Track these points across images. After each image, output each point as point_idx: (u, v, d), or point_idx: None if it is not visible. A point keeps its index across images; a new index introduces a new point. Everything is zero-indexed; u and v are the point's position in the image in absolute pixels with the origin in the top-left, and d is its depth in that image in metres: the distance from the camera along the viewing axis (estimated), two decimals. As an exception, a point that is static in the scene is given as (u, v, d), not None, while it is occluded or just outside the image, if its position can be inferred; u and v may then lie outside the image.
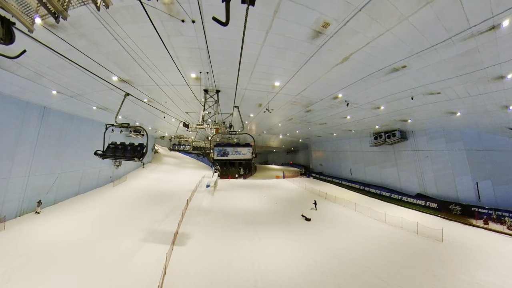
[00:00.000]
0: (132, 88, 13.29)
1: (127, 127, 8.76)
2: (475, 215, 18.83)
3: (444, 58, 9.76)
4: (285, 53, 9.55)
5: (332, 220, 19.38)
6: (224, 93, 14.67)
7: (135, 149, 8.73)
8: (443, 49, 9.05)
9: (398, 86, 13.27)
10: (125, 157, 8.50)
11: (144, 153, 8.63)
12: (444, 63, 10.19)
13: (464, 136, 20.80)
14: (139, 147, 8.76)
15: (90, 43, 8.45)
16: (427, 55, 9.64)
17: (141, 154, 8.54)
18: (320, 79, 12.23)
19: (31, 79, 12.15)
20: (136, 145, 8.87)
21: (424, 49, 9.24)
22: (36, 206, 16.98)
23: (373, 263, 12.19)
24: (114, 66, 10.52)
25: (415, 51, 9.52)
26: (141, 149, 8.69)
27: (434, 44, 8.86)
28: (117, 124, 8.58)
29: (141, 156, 8.50)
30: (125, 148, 8.83)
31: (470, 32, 7.86)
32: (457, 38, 8.32)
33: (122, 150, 8.80)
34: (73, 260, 10.99)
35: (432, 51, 9.33)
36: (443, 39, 8.53)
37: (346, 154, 36.28)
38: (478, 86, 11.99)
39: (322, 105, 17.69)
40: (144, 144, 8.62)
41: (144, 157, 8.66)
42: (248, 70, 11.35)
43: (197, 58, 10.09)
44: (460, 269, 11.61)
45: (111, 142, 9.03)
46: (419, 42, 8.77)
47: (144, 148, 8.64)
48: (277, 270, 11.28)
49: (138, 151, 8.66)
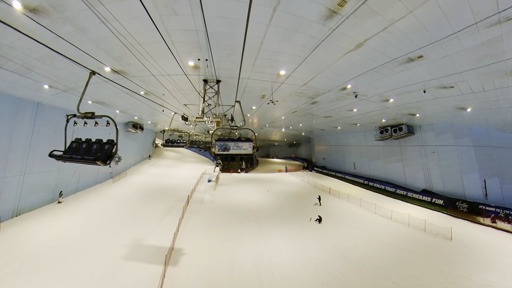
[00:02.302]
0: (127, 80, 12.47)
1: (91, 117, 6.32)
2: (483, 213, 18.51)
3: (465, 47, 9.16)
4: (294, 36, 8.60)
5: (337, 216, 18.91)
6: (225, 83, 13.81)
7: (101, 148, 6.50)
8: (466, 36, 8.42)
9: (411, 78, 12.73)
10: (85, 160, 6.18)
11: (113, 153, 6.32)
12: (463, 53, 9.61)
13: (473, 132, 20.32)
14: (107, 146, 6.52)
15: (76, 29, 7.64)
16: (448, 44, 8.99)
17: (107, 155, 6.25)
18: (330, 67, 11.39)
19: (20, 73, 11.57)
20: (104, 142, 6.68)
21: (446, 36, 8.55)
22: (58, 196, 18.77)
23: (381, 262, 11.78)
24: (105, 55, 9.70)
25: (436, 39, 8.82)
26: (109, 149, 6.42)
27: (457, 30, 8.18)
28: (80, 114, 6.28)
29: (108, 159, 6.20)
30: (89, 147, 6.68)
31: (498, 18, 7.28)
32: (482, 24, 7.73)
33: (86, 149, 6.63)
34: (71, 263, 10.57)
35: (454, 39, 8.68)
36: (468, 25, 7.85)
37: (350, 148, 35.69)
38: (494, 80, 11.52)
39: (329, 97, 16.92)
40: (114, 141, 6.38)
41: (112, 159, 6.35)
42: (251, 57, 10.40)
43: (194, 43, 9.08)
44: (471, 270, 11.26)
45: (75, 139, 6.97)
46: (442, 28, 8.06)
47: (113, 147, 6.39)
48: (283, 271, 10.81)
49: (104, 151, 6.37)
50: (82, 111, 6.32)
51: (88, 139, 6.97)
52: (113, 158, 6.40)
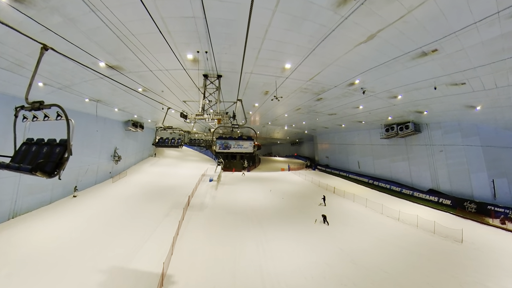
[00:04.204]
0: (123, 77, 11.88)
1: (39, 108, 4.74)
2: (491, 214, 18.07)
3: (483, 39, 8.70)
4: (302, 25, 7.97)
5: (343, 217, 18.37)
6: (226, 78, 13.22)
7: (51, 152, 4.72)
8: (486, 27, 7.95)
9: (422, 74, 12.30)
10: (21, 170, 4.45)
11: (64, 160, 4.55)
12: (480, 47, 9.17)
13: (481, 131, 19.82)
14: (59, 148, 4.71)
15: (65, 19, 7.07)
16: (465, 35, 8.51)
17: (55, 163, 4.49)
18: (338, 60, 10.80)
19: (11, 70, 11.11)
20: (57, 143, 4.90)
21: (465, 26, 8.01)
22: (73, 190, 19.98)
23: (392, 268, 11.25)
24: (99, 49, 9.12)
25: (454, 29, 8.27)
26: (59, 153, 4.61)
27: (478, 20, 7.67)
28: (28, 105, 4.80)
29: (56, 168, 4.46)
30: (39, 149, 4.94)
31: (522, 8, 6.68)
32: (505, 14, 7.25)
33: (34, 154, 4.90)
34: (63, 269, 10.09)
35: (473, 30, 8.19)
36: (490, 13, 7.33)
37: (354, 146, 35.09)
38: (508, 76, 11.14)
39: (335, 93, 16.34)
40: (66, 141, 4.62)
41: (62, 167, 4.55)
42: (254, 48, 9.73)
43: (192, 32, 8.41)
44: (485, 275, 10.83)
45: (26, 140, 5.32)
46: (462, 16, 7.51)
47: (65, 150, 4.60)
48: (289, 279, 10.19)
49: (53, 156, 4.61)
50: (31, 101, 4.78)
51: (40, 139, 5.20)
52: (64, 166, 4.55)
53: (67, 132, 4.36)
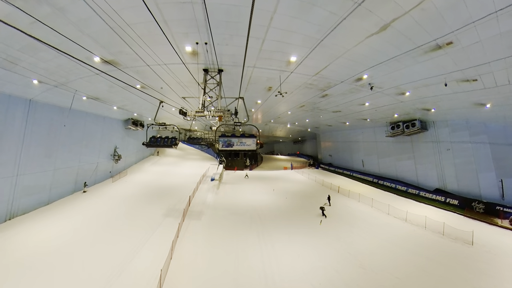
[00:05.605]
0: (120, 72, 11.33)
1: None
2: (500, 215, 17.42)
3: (502, 31, 8.19)
4: (310, 11, 7.34)
5: (349, 218, 17.82)
6: (227, 73, 12.65)
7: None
8: (506, 17, 7.44)
9: (433, 70, 11.74)
10: None
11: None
12: (498, 38, 8.63)
13: (489, 129, 19.20)
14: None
15: (54, 9, 6.56)
16: (484, 26, 7.99)
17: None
18: (347, 53, 10.18)
19: (5, 67, 10.74)
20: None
21: (486, 15, 7.46)
22: (83, 186, 20.99)
23: (402, 272, 10.71)
24: (92, 42, 8.60)
25: (474, 19, 7.71)
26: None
27: (499, 8, 7.16)
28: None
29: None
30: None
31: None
32: None
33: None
34: (59, 272, 9.69)
35: (492, 20, 7.68)
36: None
37: (359, 144, 34.44)
38: None
39: (341, 89, 15.73)
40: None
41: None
42: (258, 38, 9.08)
43: (190, 21, 7.79)
44: (499, 280, 10.29)
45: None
46: (484, 3, 6.97)
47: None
48: (295, 287, 9.65)
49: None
50: None
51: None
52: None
53: None
